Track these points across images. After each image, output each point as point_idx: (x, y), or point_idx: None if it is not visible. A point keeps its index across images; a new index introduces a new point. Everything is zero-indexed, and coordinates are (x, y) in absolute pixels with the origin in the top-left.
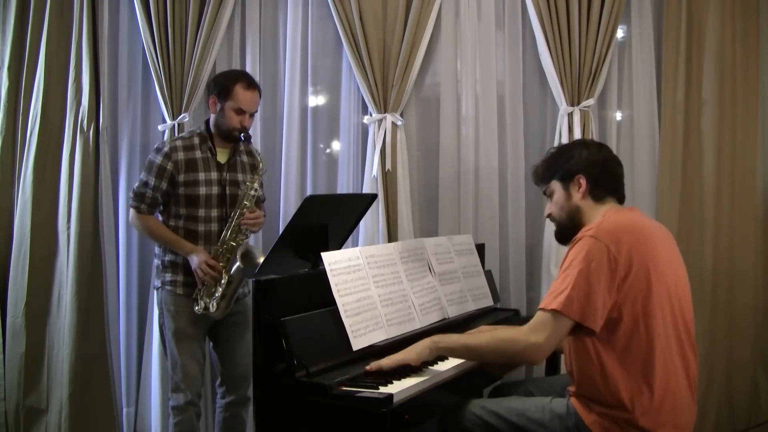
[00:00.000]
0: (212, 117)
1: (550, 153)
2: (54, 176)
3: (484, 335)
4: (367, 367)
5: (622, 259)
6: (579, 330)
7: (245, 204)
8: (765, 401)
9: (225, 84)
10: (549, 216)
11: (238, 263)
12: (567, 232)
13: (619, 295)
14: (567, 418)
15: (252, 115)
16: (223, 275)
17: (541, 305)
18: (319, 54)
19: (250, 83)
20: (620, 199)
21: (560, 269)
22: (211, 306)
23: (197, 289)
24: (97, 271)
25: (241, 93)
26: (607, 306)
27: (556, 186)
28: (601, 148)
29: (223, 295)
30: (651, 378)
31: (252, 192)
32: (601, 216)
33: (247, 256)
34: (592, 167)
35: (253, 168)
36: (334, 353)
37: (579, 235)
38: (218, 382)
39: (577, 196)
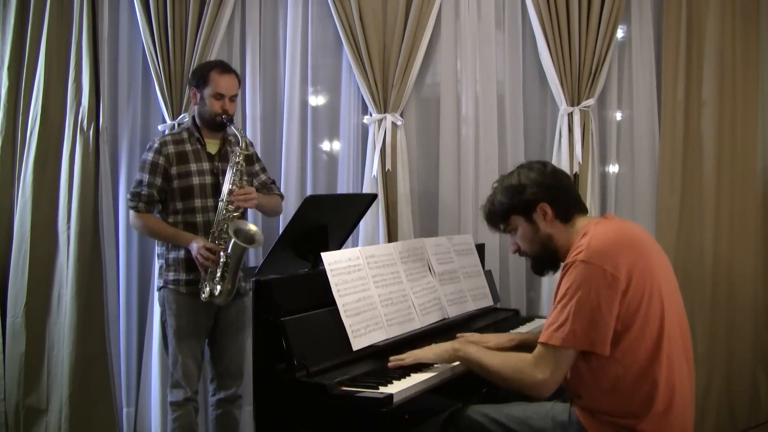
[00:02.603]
0: (195, 109)
1: (495, 190)
2: (54, 176)
3: (498, 359)
4: (390, 365)
5: (622, 274)
6: (585, 353)
7: (234, 180)
8: (765, 401)
9: (201, 73)
10: (517, 252)
11: (233, 240)
12: (544, 261)
13: (621, 308)
14: (569, 426)
15: (233, 99)
16: (222, 255)
17: (542, 338)
18: (319, 54)
19: (225, 68)
20: (584, 211)
21: (555, 299)
22: (215, 290)
23: (201, 277)
24: (97, 271)
25: (216, 78)
26: (611, 327)
27: (518, 221)
28: (546, 164)
29: (223, 276)
30: (658, 383)
31: (237, 168)
32: (580, 234)
33: (240, 231)
34: (549, 190)
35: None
36: (334, 353)
37: (569, 259)
38: (209, 378)
39: (544, 224)
